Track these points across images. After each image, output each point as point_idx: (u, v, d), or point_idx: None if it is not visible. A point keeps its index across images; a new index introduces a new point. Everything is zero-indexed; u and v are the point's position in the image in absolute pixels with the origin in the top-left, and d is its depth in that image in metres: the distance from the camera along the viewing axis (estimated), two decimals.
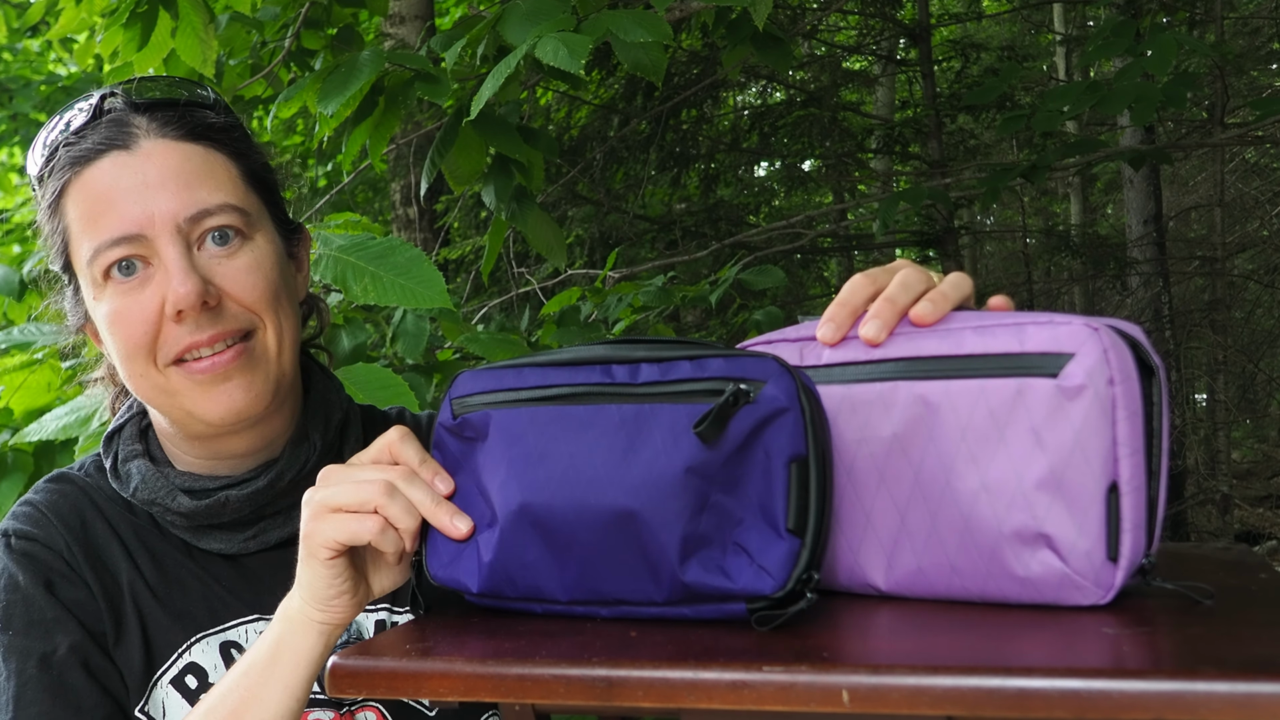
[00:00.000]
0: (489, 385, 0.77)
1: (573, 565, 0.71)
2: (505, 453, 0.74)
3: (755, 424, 0.67)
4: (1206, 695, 0.50)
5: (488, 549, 0.75)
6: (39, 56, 8.33)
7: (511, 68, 1.62)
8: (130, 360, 0.95)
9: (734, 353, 0.70)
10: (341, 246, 1.60)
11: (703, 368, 0.70)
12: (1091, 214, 9.14)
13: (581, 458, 0.71)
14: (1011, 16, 8.03)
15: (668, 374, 0.71)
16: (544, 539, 0.72)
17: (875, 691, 0.54)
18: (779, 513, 0.67)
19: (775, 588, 0.66)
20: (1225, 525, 5.83)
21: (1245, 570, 0.75)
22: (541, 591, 0.73)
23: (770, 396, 0.67)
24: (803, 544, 0.66)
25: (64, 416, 1.64)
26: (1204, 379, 7.51)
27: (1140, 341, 0.68)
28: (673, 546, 0.68)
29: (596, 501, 0.70)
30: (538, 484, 0.72)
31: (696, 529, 0.68)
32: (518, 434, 0.74)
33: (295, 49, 2.99)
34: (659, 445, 0.69)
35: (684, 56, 5.09)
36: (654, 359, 0.72)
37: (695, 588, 0.68)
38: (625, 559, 0.70)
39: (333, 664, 0.65)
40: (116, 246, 0.93)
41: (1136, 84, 2.83)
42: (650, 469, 0.69)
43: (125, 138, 0.95)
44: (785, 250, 5.05)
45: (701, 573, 0.68)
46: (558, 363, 0.75)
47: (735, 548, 0.68)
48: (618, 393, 0.72)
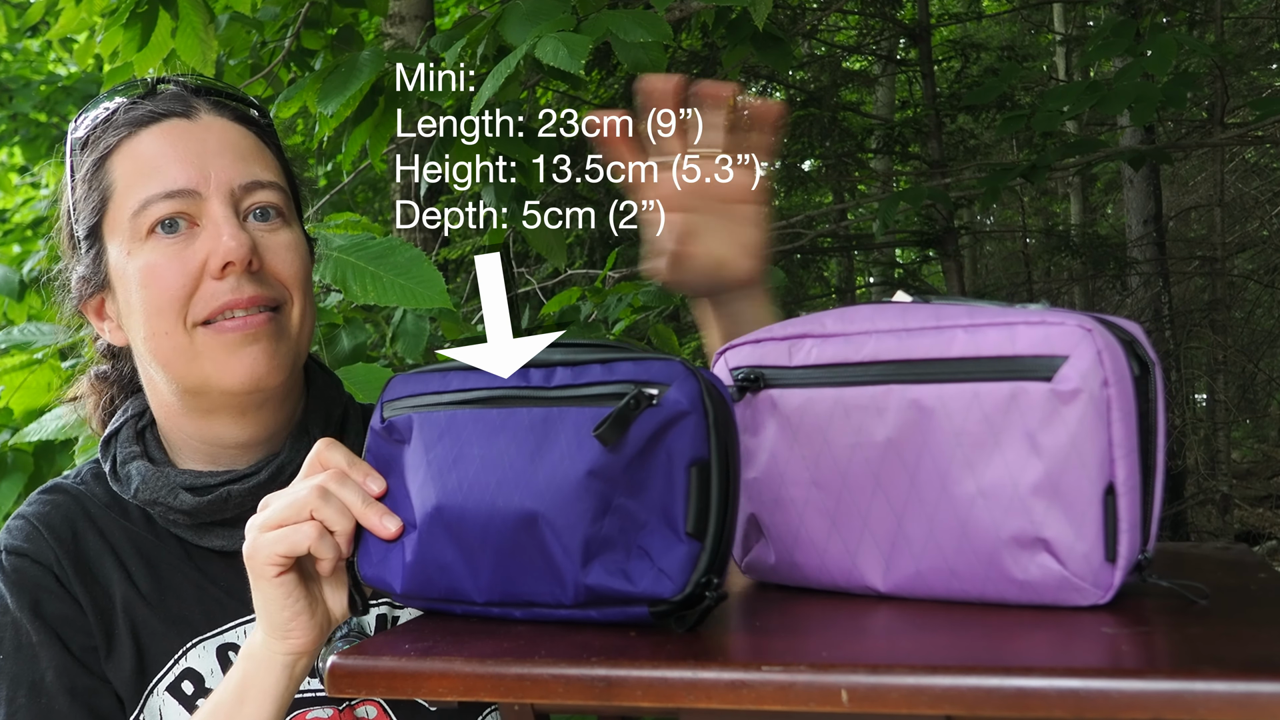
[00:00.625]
0: (416, 389, 0.78)
1: (485, 568, 0.72)
2: (425, 455, 0.75)
3: (657, 427, 0.68)
4: (1206, 695, 0.50)
5: (410, 550, 0.75)
6: (39, 56, 8.33)
7: (511, 68, 1.62)
8: (158, 316, 0.95)
9: (646, 356, 0.70)
10: (341, 246, 1.60)
11: (612, 371, 0.70)
12: (1091, 214, 9.14)
13: (491, 460, 0.72)
14: (1011, 16, 8.03)
15: (579, 377, 0.72)
16: (457, 541, 0.73)
17: (874, 691, 0.54)
18: (680, 516, 0.67)
19: (675, 591, 0.66)
20: (1225, 525, 5.83)
21: (1245, 570, 0.75)
22: (459, 593, 0.74)
23: (673, 400, 0.67)
24: (703, 547, 0.66)
25: (64, 416, 1.64)
26: (1204, 379, 7.52)
27: (1136, 337, 0.68)
28: (575, 549, 0.69)
29: (504, 504, 0.71)
30: (450, 486, 0.73)
31: (599, 532, 0.69)
32: (436, 436, 0.75)
33: (295, 49, 2.99)
34: (564, 448, 0.70)
35: (684, 56, 5.08)
36: (569, 362, 0.73)
37: (597, 590, 0.68)
38: (532, 562, 0.70)
39: (332, 664, 0.65)
40: (169, 199, 0.94)
41: (1136, 84, 2.83)
42: (554, 472, 0.69)
43: (186, 109, 0.99)
44: (785, 250, 5.05)
45: (604, 575, 0.68)
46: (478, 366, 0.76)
47: (638, 550, 0.68)
48: (531, 396, 0.73)
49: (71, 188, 1.01)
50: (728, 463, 0.68)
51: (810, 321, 0.76)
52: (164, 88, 1.01)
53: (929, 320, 0.70)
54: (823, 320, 0.76)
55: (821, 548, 0.74)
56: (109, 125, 0.99)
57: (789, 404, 0.75)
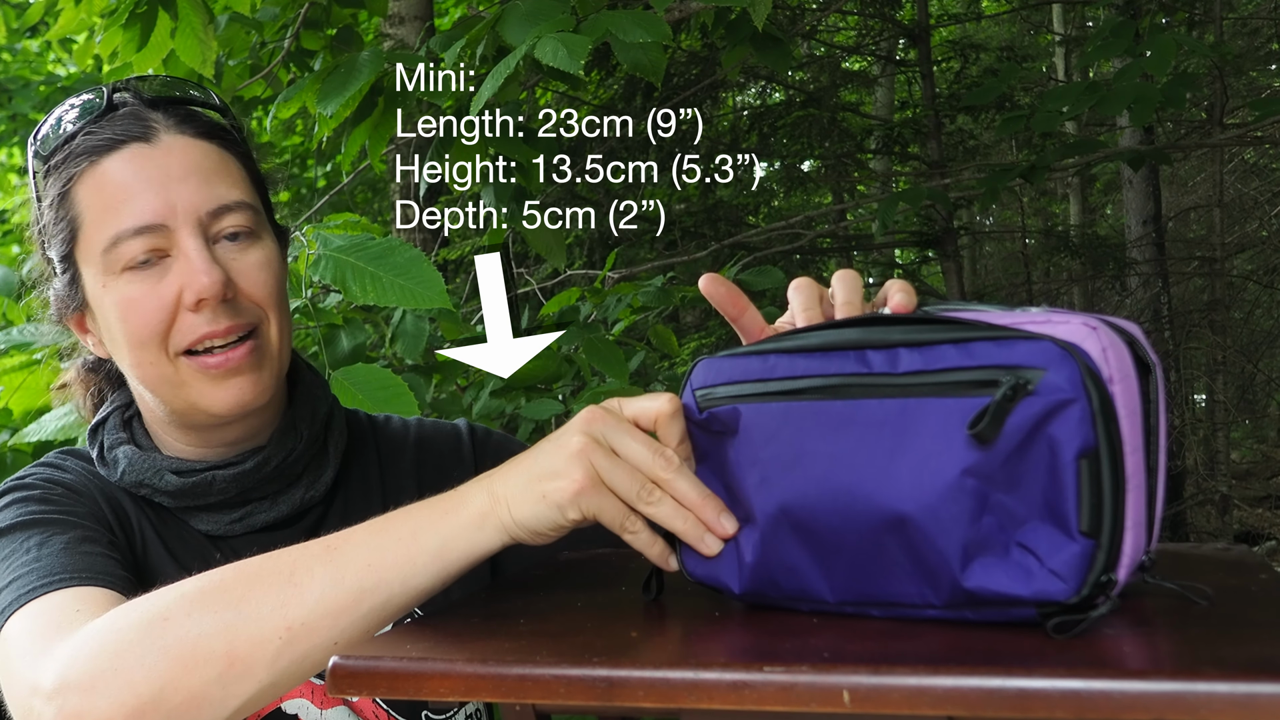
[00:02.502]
0: (734, 375, 0.72)
1: (840, 569, 0.67)
2: (758, 452, 0.70)
3: (1037, 417, 0.61)
4: (1207, 695, 0.50)
5: (749, 550, 0.71)
6: (38, 57, 8.33)
7: (511, 68, 1.62)
8: (142, 348, 0.96)
9: (1003, 334, 0.64)
10: (341, 247, 1.60)
11: (970, 354, 0.64)
12: (1091, 214, 9.14)
13: (843, 458, 0.66)
14: (1011, 17, 8.04)
15: (931, 362, 0.65)
16: (808, 542, 0.68)
17: (876, 691, 0.54)
18: (1069, 512, 0.61)
19: (1070, 593, 0.60)
20: (1225, 525, 5.84)
21: (1245, 570, 0.75)
22: (808, 593, 0.69)
23: (1053, 386, 0.61)
24: (1098, 545, 0.60)
25: (63, 417, 1.64)
26: (1203, 379, 7.52)
27: (1136, 338, 0.68)
28: (952, 553, 0.63)
29: (865, 506, 0.66)
30: (797, 486, 0.68)
31: (977, 534, 0.63)
32: (771, 432, 0.69)
33: (295, 49, 3.00)
34: (930, 445, 0.64)
35: (683, 57, 5.09)
36: (913, 342, 0.66)
37: (978, 594, 0.63)
38: (898, 563, 0.65)
39: (334, 664, 0.65)
40: (139, 236, 0.94)
41: (1136, 84, 2.83)
42: (922, 472, 0.64)
43: (145, 131, 0.96)
44: (785, 250, 5.05)
45: (985, 578, 0.63)
46: (807, 349, 0.70)
47: (1020, 549, 0.62)
48: (877, 384, 0.66)
49: (39, 210, 1.01)
50: (1116, 450, 0.61)
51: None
52: (119, 96, 0.99)
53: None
54: None
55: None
56: (70, 153, 0.97)
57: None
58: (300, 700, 1.00)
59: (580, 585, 0.83)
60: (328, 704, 1.01)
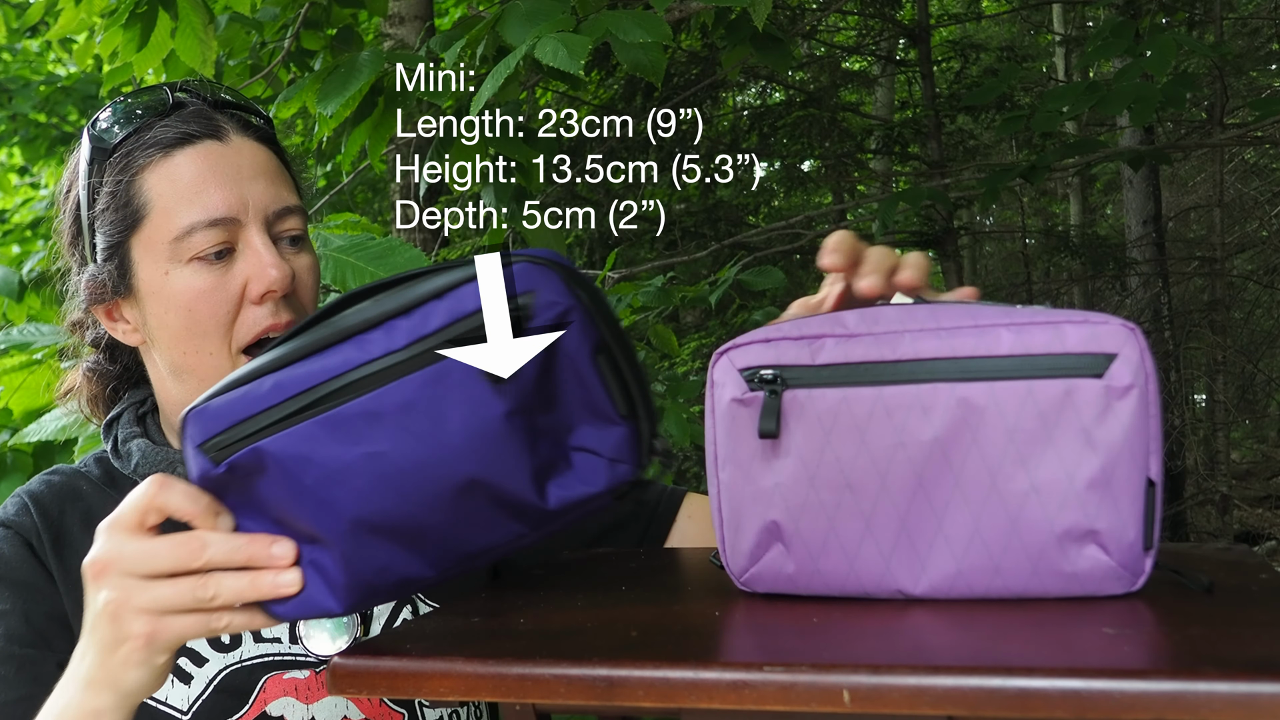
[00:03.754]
0: (235, 415, 0.68)
1: (432, 546, 0.69)
2: (302, 480, 0.67)
3: (546, 334, 0.66)
4: (1208, 695, 0.50)
5: (336, 570, 0.69)
6: (38, 57, 8.33)
7: (511, 68, 1.62)
8: (203, 337, 0.99)
9: (450, 265, 0.66)
10: (341, 247, 1.60)
11: (461, 300, 0.66)
12: (1091, 214, 9.14)
13: (390, 454, 0.66)
14: (1011, 17, 8.04)
15: (427, 323, 0.66)
16: (391, 539, 0.68)
17: (876, 691, 0.54)
18: (605, 404, 0.68)
19: (634, 470, 0.69)
20: (1225, 525, 5.83)
21: (1245, 570, 0.75)
22: (410, 579, 0.71)
23: (547, 302, 0.66)
24: (638, 421, 0.68)
25: (63, 417, 1.64)
26: (1203, 379, 7.52)
27: None
28: (526, 488, 0.67)
29: (431, 485, 0.66)
30: (357, 496, 0.67)
31: (539, 460, 0.67)
32: (304, 456, 0.67)
33: (295, 49, 3.00)
34: (464, 405, 0.65)
35: (683, 57, 5.09)
36: (398, 311, 0.66)
37: (564, 509, 0.68)
38: (484, 516, 0.68)
39: (334, 664, 0.65)
40: (213, 228, 0.97)
41: (1136, 84, 2.83)
42: (468, 430, 0.65)
43: (217, 130, 1.01)
44: (785, 250, 5.05)
45: (563, 492, 0.68)
46: (289, 361, 0.67)
47: (580, 453, 0.69)
48: (384, 367, 0.66)
49: (90, 196, 1.02)
50: (620, 336, 0.68)
51: (827, 321, 0.73)
52: (182, 96, 1.02)
53: (964, 319, 0.69)
54: (842, 320, 0.73)
55: (853, 552, 0.71)
56: (139, 142, 1.00)
57: (819, 405, 0.71)
58: (286, 699, 1.01)
59: (580, 585, 0.83)
60: (312, 698, 1.01)
